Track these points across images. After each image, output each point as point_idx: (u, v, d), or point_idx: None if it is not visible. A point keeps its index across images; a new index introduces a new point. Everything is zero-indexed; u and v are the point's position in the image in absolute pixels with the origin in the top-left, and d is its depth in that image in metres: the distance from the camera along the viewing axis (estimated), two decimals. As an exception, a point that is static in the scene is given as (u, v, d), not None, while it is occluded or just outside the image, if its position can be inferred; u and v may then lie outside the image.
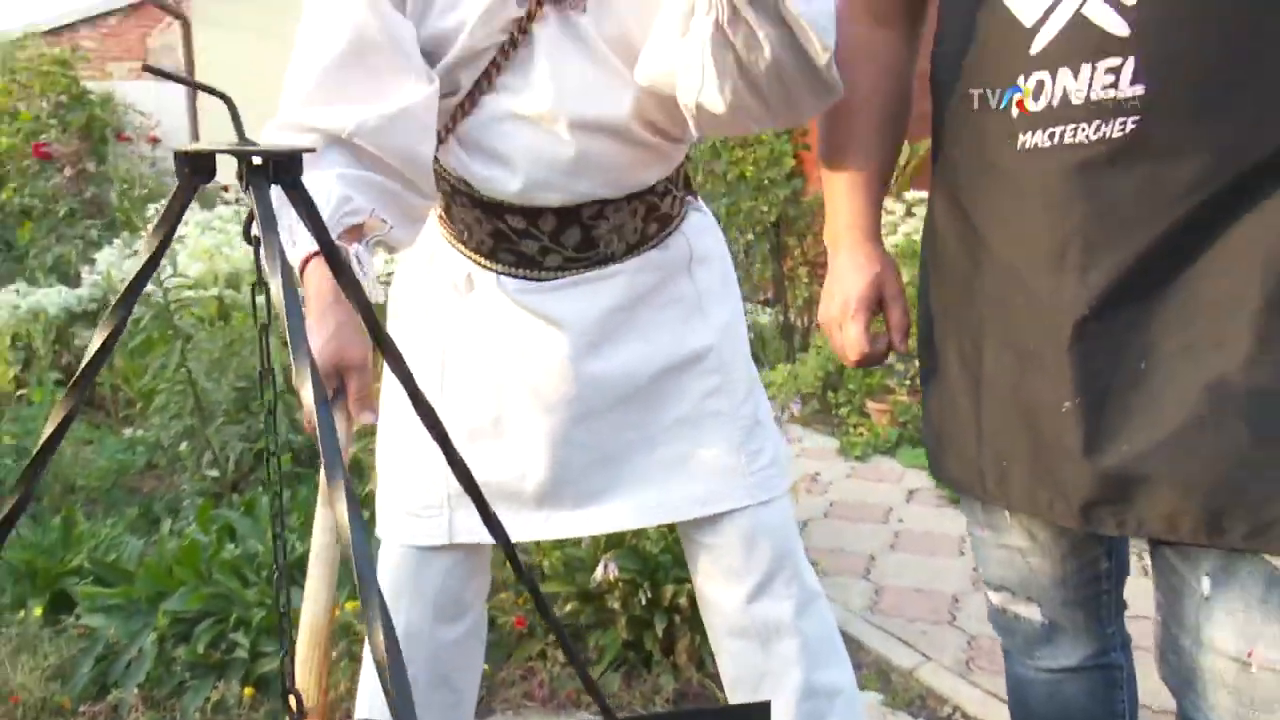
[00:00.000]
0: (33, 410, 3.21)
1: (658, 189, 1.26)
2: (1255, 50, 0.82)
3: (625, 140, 1.17)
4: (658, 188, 1.26)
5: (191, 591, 2.06)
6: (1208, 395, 0.85)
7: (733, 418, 1.32)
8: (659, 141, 1.21)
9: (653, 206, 1.27)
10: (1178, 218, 0.84)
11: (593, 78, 1.14)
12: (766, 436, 1.35)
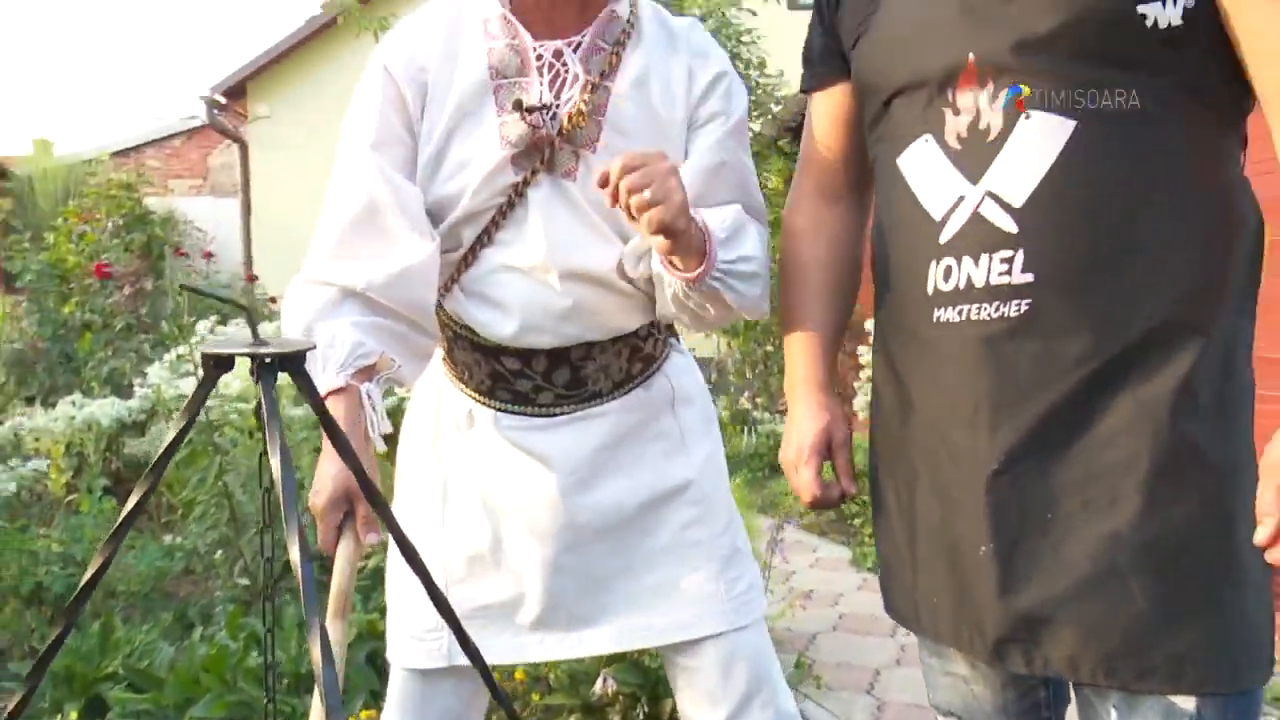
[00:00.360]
0: (79, 519, 3.38)
1: (640, 332, 1.40)
2: (1127, 245, 0.95)
3: (609, 289, 1.32)
4: (640, 331, 1.40)
5: (216, 699, 2.16)
6: (1103, 549, 0.95)
7: (712, 547, 1.42)
8: (639, 291, 1.35)
9: (636, 348, 1.40)
10: (1068, 388, 0.96)
11: (580, 235, 1.29)
12: (744, 565, 1.45)
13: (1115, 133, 0.94)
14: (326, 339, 1.21)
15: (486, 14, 1.30)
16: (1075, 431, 0.97)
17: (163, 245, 5.93)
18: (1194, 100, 0.96)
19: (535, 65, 1.28)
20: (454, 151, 1.27)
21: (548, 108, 1.27)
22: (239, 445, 3.04)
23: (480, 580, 1.37)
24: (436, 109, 1.29)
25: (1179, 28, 0.92)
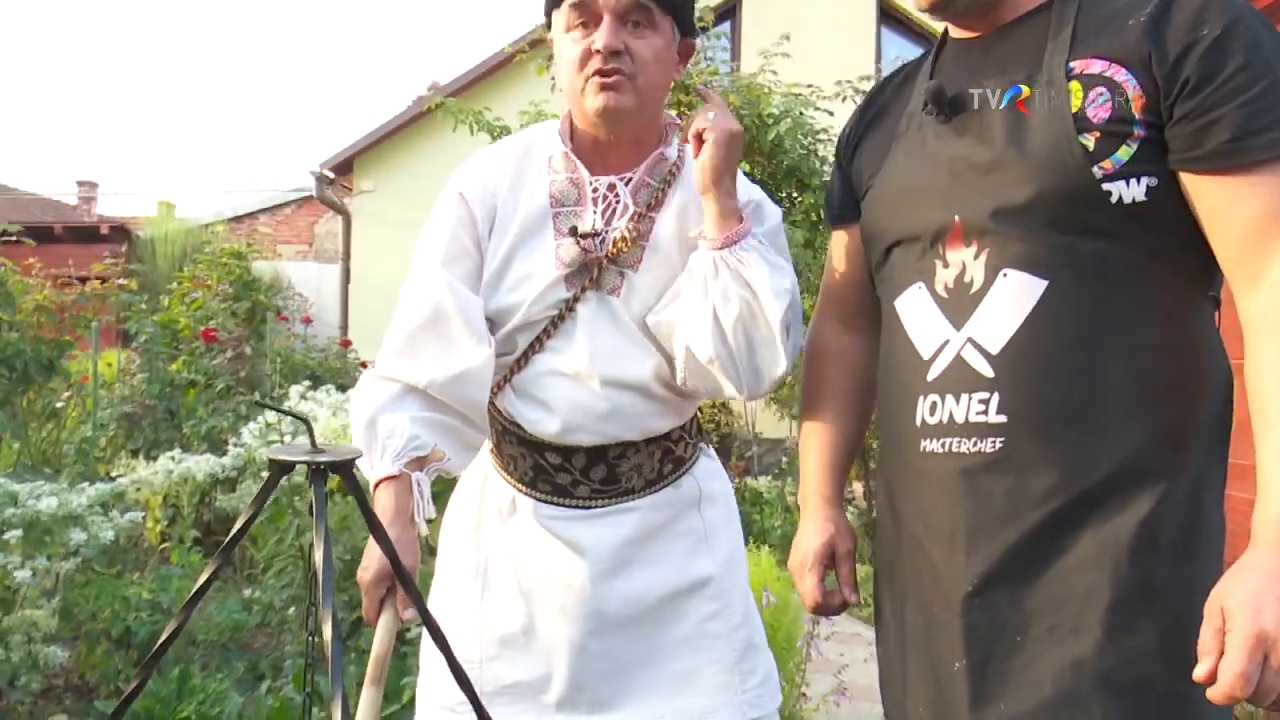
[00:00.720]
0: (169, 569, 3.61)
1: (672, 435, 1.52)
2: (1093, 395, 1.04)
3: (645, 395, 1.45)
4: (672, 434, 1.52)
5: (276, 751, 2.31)
6: (1066, 675, 1.03)
7: (729, 640, 1.52)
8: (672, 397, 1.47)
9: (668, 450, 1.53)
10: (1036, 521, 1.05)
11: (621, 346, 1.43)
12: (759, 659, 1.54)
13: (1084, 293, 1.05)
14: (387, 430, 1.36)
15: (552, 150, 1.48)
16: (1043, 561, 1.06)
17: (265, 311, 6.30)
18: (1161, 264, 1.05)
19: (590, 196, 1.44)
20: (515, 268, 1.43)
21: (599, 234, 1.42)
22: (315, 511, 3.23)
23: (511, 659, 1.48)
24: (502, 230, 1.46)
25: (1143, 203, 1.02)
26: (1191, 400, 1.05)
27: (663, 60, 1.39)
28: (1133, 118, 1.01)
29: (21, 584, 2.73)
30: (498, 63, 8.84)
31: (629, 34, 1.35)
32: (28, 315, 3.18)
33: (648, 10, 1.35)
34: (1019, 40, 1.13)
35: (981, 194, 1.09)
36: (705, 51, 5.45)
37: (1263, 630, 0.88)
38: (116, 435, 4.84)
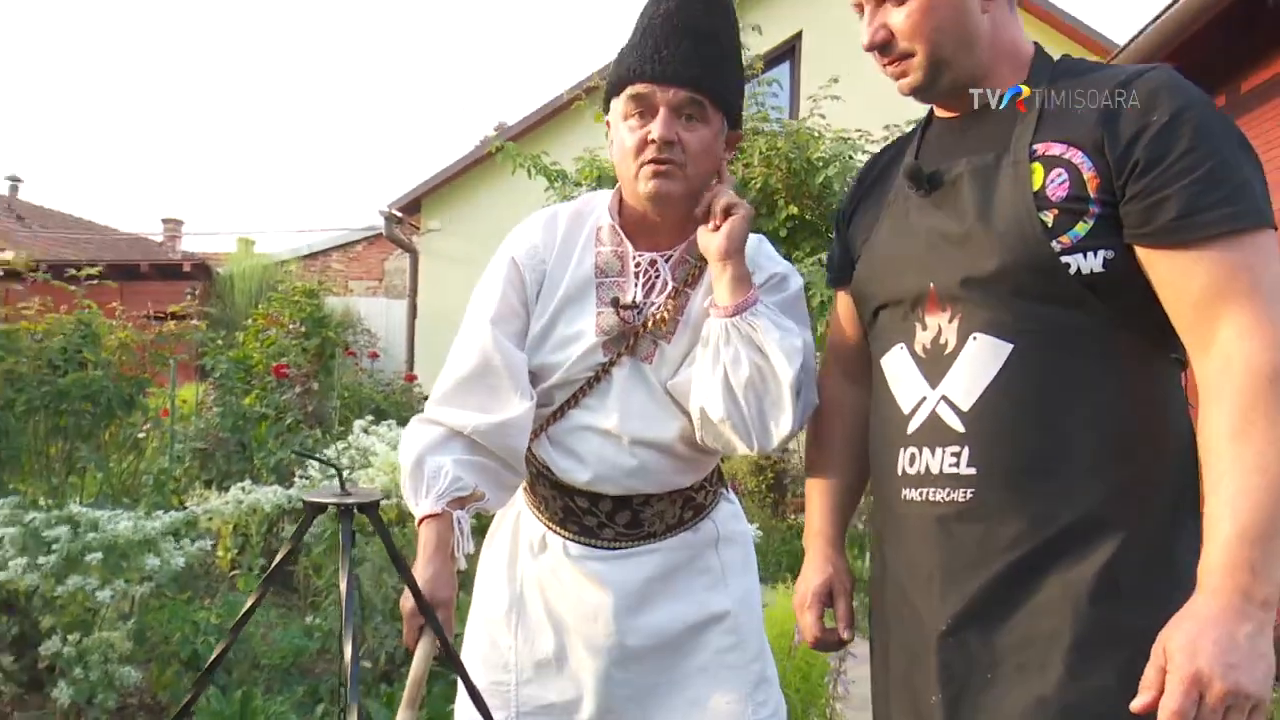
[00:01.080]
0: (237, 595, 3.81)
1: (694, 486, 1.63)
2: (1054, 452, 1.12)
3: (670, 455, 1.55)
4: (694, 486, 1.63)
5: (327, 771, 2.45)
6: (1031, 710, 1.10)
7: (743, 672, 1.61)
8: (695, 455, 1.57)
9: (689, 499, 1.63)
10: (1004, 566, 1.13)
11: (650, 409, 1.54)
12: (770, 692, 1.63)
13: (1046, 356, 1.13)
14: (433, 470, 1.48)
15: (601, 222, 1.58)
16: (1011, 604, 1.13)
17: (334, 347, 6.57)
18: (1121, 329, 1.13)
19: (633, 270, 1.55)
20: (559, 329, 1.55)
21: (638, 307, 1.54)
22: (370, 544, 3.39)
23: (545, 682, 1.59)
24: (549, 293, 1.58)
25: (1101, 273, 1.11)
26: (1153, 456, 1.12)
27: (710, 152, 1.49)
28: (1089, 196, 1.10)
29: (101, 605, 2.92)
30: (556, 108, 9.11)
31: (682, 126, 1.45)
32: (111, 353, 3.41)
33: (701, 105, 1.46)
34: (995, 121, 1.23)
35: (953, 264, 1.18)
36: (756, 97, 5.58)
37: (1197, 671, 0.94)
38: (191, 466, 5.09)
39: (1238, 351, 1.03)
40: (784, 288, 1.56)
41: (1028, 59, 1.26)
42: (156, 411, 4.60)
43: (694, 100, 1.45)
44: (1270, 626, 0.97)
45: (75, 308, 3.66)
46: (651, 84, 1.43)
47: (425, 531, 1.45)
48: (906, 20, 1.21)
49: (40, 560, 2.75)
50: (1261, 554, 0.97)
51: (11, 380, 3.04)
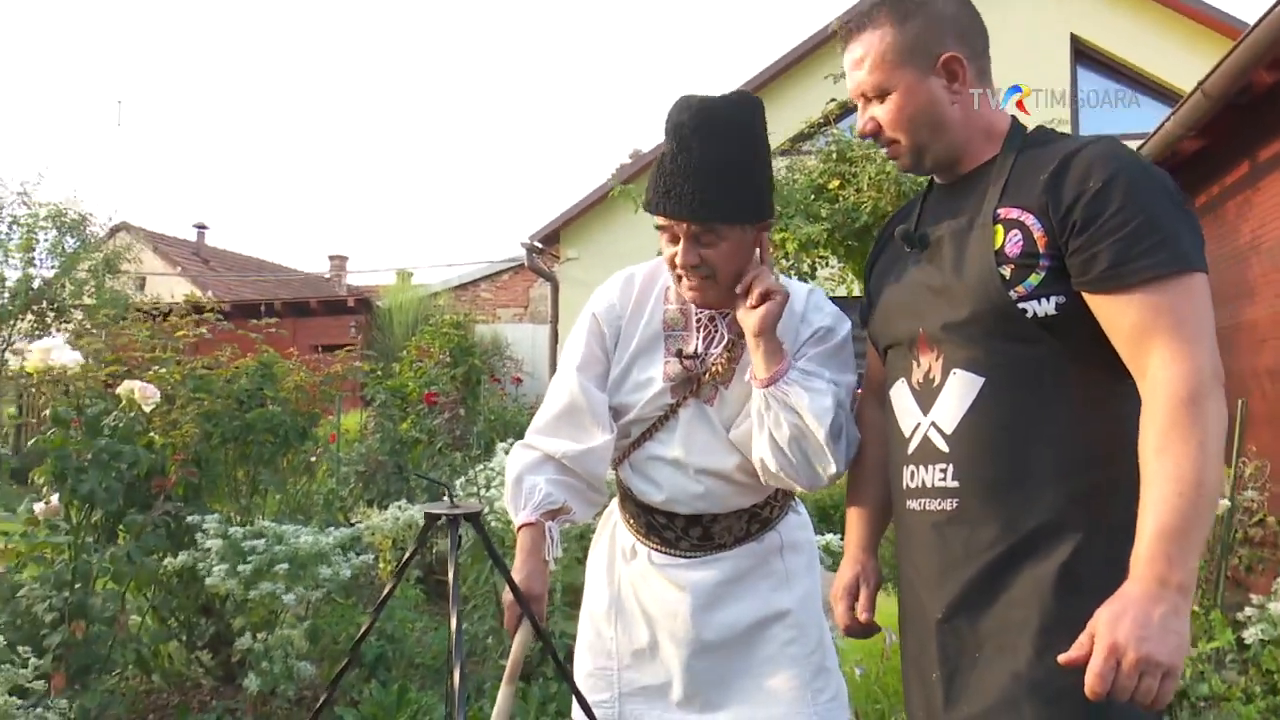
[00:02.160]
0: (395, 601, 4.27)
1: (758, 505, 1.89)
2: (1022, 467, 1.34)
3: (729, 481, 1.81)
4: (758, 505, 1.89)
5: (469, 751, 2.82)
6: (1007, 684, 1.32)
7: (804, 662, 1.86)
8: (752, 482, 1.81)
9: (755, 514, 1.89)
10: (984, 564, 1.36)
11: (712, 443, 1.81)
12: (830, 679, 1.87)
13: (1013, 387, 1.35)
14: (529, 487, 1.82)
15: (668, 283, 1.87)
16: (991, 596, 1.36)
17: (480, 374, 7.10)
18: (1077, 361, 1.34)
19: (695, 325, 1.84)
20: (634, 375, 1.85)
21: (699, 356, 1.82)
22: (507, 556, 3.78)
23: (641, 668, 1.89)
24: (625, 343, 1.88)
25: (1054, 315, 1.33)
26: (1109, 468, 1.32)
27: (737, 254, 1.69)
28: (1039, 252, 1.33)
29: (284, 608, 3.42)
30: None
31: (703, 248, 1.67)
32: (288, 392, 3.96)
33: (714, 230, 1.66)
34: (972, 188, 1.46)
35: (936, 311, 1.42)
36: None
37: (1115, 641, 1.15)
38: (355, 487, 5.67)
39: (1161, 379, 1.24)
40: (829, 339, 1.80)
41: (1003, 132, 1.48)
42: (324, 439, 5.17)
43: (707, 229, 1.65)
44: (1185, 608, 1.18)
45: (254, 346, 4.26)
46: (668, 218, 1.69)
47: (522, 537, 1.79)
48: (887, 115, 1.46)
49: (239, 568, 3.25)
50: (1177, 548, 1.18)
51: (208, 417, 3.60)
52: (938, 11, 1.46)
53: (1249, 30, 3.71)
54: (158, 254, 19.23)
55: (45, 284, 12.02)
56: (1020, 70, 7.34)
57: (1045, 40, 11.23)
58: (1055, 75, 11.19)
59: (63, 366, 2.47)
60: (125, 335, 3.89)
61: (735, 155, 1.68)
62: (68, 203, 12.37)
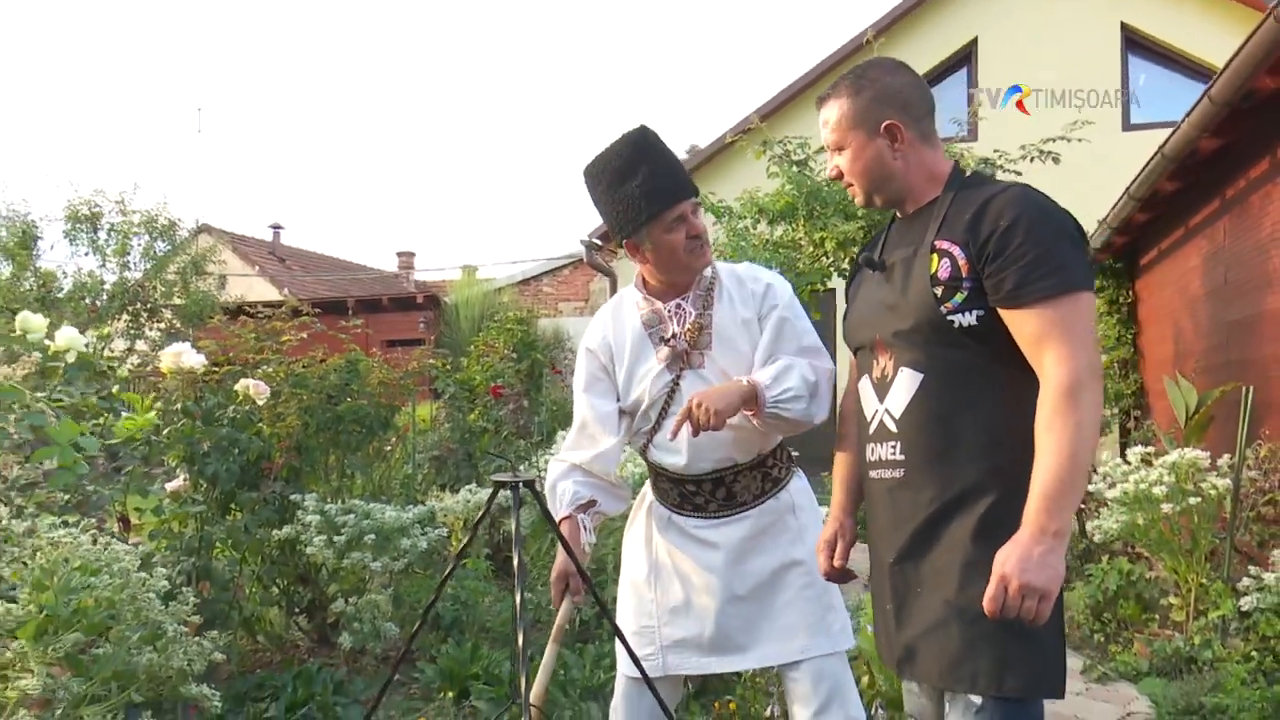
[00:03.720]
0: (465, 572, 4.77)
1: (767, 462, 2.30)
2: (951, 445, 1.73)
3: (733, 429, 2.19)
4: (766, 461, 2.30)
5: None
6: (938, 611, 1.71)
7: (817, 602, 2.27)
8: (750, 427, 2.21)
9: (766, 473, 2.31)
10: (922, 519, 1.75)
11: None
12: (837, 615, 2.28)
13: (945, 381, 1.74)
14: (562, 490, 2.28)
15: (634, 297, 2.33)
16: (928, 545, 1.75)
17: (543, 367, 7.58)
18: (997, 362, 1.72)
19: (667, 314, 2.28)
20: (637, 372, 2.30)
21: (678, 336, 2.26)
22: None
23: (677, 623, 2.32)
24: (619, 354, 2.33)
25: (975, 326, 1.71)
26: (1019, 447, 1.69)
27: None
28: (962, 276, 1.71)
29: (371, 575, 3.92)
30: (718, 148, 9.84)
31: (695, 216, 2.22)
32: (372, 387, 4.47)
33: (697, 203, 2.23)
34: (919, 222, 1.85)
35: (888, 322, 1.82)
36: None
37: (1005, 573, 1.54)
38: (429, 472, 6.19)
39: (1050, 374, 1.62)
40: (777, 302, 2.27)
41: (945, 176, 1.86)
42: (401, 428, 5.69)
43: (696, 203, 2.24)
44: (1060, 549, 1.55)
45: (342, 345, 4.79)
46: (690, 198, 2.21)
47: (564, 528, 2.22)
48: (845, 164, 1.86)
49: (334, 540, 3.76)
50: (1055, 505, 1.56)
51: (305, 410, 4.12)
52: (885, 86, 1.85)
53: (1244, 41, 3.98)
54: (237, 254, 20.13)
55: (139, 286, 12.84)
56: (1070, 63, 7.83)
57: (1095, 31, 11.32)
58: (1106, 66, 11.28)
59: (190, 367, 2.96)
60: (234, 337, 4.43)
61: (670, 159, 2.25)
62: (158, 209, 13.20)
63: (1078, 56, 11.11)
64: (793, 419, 2.15)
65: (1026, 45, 11.28)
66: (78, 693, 1.98)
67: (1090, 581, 4.93)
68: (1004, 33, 11.53)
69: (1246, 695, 3.49)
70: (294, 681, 3.52)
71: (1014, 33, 11.47)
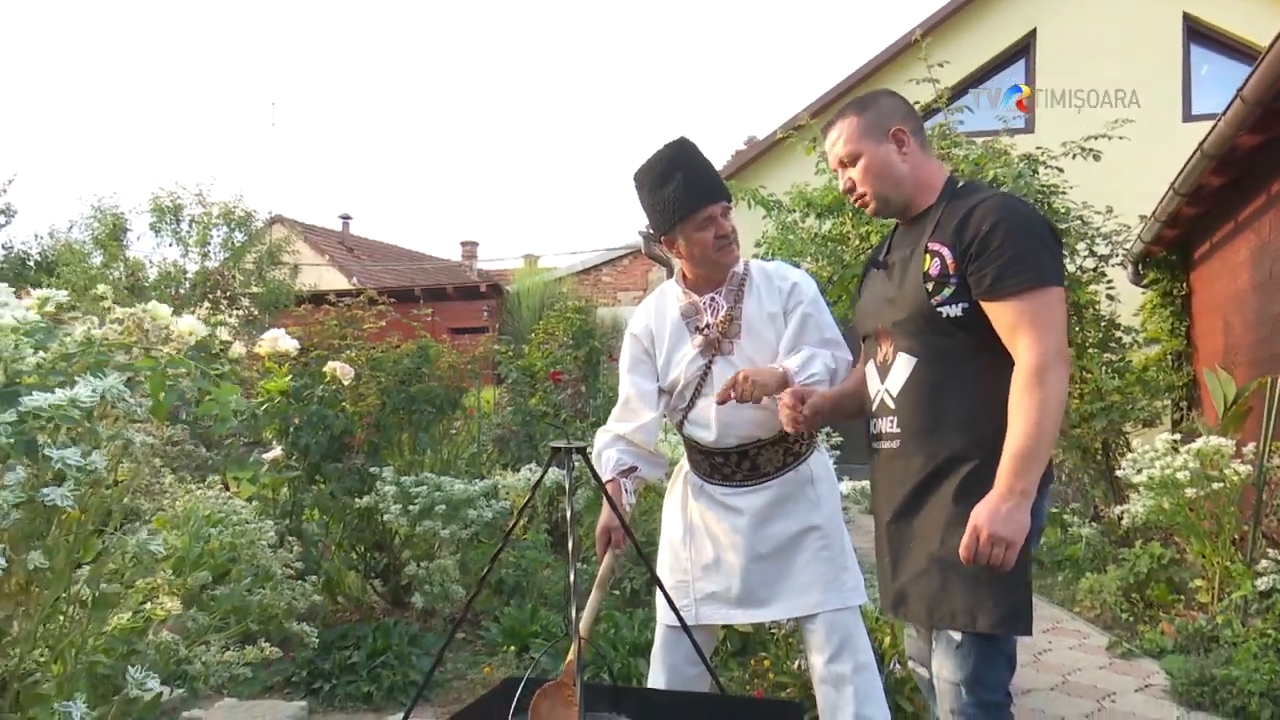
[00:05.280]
0: (524, 544, 5.15)
1: (789, 438, 2.60)
2: (940, 419, 2.02)
3: (756, 408, 2.50)
4: (789, 437, 2.60)
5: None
6: (925, 561, 2.01)
7: (832, 563, 2.57)
8: (772, 407, 2.50)
9: (788, 448, 2.61)
10: (914, 485, 2.04)
11: None
12: (850, 574, 2.57)
13: (935, 365, 2.03)
14: (607, 458, 2.59)
15: (675, 290, 2.65)
16: (919, 505, 2.04)
17: (600, 354, 7.94)
18: (981, 348, 2.00)
19: (703, 306, 2.60)
20: (674, 356, 2.62)
21: (711, 325, 2.58)
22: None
23: (708, 579, 2.64)
24: (660, 340, 2.65)
25: (960, 316, 1.99)
26: (998, 421, 1.96)
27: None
28: (949, 274, 1.99)
29: (443, 541, 4.31)
30: (769, 144, 10.07)
31: (724, 219, 2.51)
32: (443, 371, 4.86)
33: (728, 206, 2.52)
34: (917, 227, 2.13)
35: (888, 314, 2.11)
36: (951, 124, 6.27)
37: (976, 525, 1.83)
38: (492, 452, 6.59)
39: (1022, 358, 1.90)
40: (803, 298, 2.55)
41: (940, 184, 2.14)
42: (466, 410, 6.09)
43: (727, 206, 2.53)
44: (1026, 505, 1.83)
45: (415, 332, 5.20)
46: (724, 199, 2.51)
47: (608, 489, 2.55)
48: (859, 174, 2.15)
49: (409, 508, 4.16)
50: (1021, 467, 1.84)
51: (382, 390, 4.52)
52: (886, 103, 2.15)
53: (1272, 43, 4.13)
54: (307, 243, 20.86)
55: (219, 275, 13.51)
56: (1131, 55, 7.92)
57: (1157, 22, 11.26)
58: (1167, 56, 11.23)
59: (286, 350, 3.35)
60: (317, 324, 4.85)
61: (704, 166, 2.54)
62: (235, 201, 13.85)
63: (1138, 48, 11.09)
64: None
65: (1086, 37, 11.29)
66: (204, 623, 2.37)
67: (1123, 565, 5.12)
68: (1063, 25, 11.53)
69: (1255, 668, 3.70)
70: (374, 633, 3.92)
71: (1074, 24, 11.46)
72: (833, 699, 2.51)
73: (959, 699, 1.97)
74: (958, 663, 1.97)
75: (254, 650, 2.15)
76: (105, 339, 1.67)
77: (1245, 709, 3.61)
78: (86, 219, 13.42)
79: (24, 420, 1.50)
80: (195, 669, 2.15)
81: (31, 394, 1.51)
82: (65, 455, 1.47)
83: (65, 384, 1.58)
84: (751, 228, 6.87)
